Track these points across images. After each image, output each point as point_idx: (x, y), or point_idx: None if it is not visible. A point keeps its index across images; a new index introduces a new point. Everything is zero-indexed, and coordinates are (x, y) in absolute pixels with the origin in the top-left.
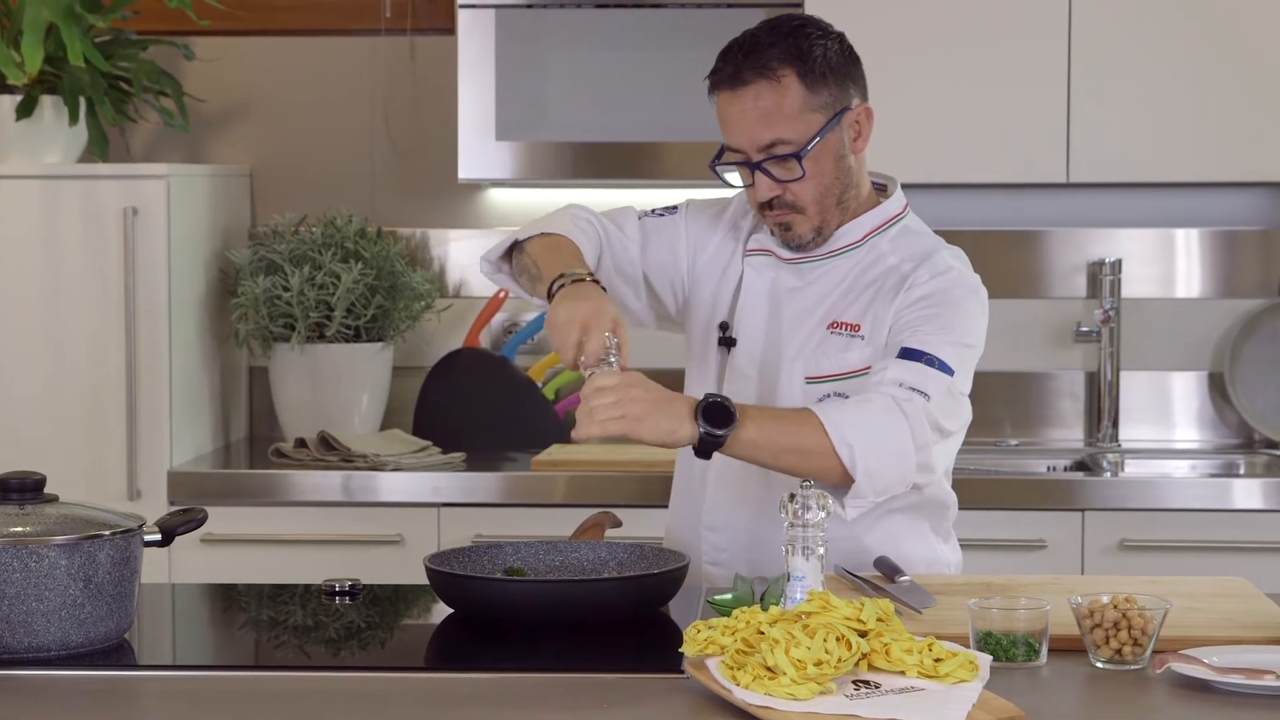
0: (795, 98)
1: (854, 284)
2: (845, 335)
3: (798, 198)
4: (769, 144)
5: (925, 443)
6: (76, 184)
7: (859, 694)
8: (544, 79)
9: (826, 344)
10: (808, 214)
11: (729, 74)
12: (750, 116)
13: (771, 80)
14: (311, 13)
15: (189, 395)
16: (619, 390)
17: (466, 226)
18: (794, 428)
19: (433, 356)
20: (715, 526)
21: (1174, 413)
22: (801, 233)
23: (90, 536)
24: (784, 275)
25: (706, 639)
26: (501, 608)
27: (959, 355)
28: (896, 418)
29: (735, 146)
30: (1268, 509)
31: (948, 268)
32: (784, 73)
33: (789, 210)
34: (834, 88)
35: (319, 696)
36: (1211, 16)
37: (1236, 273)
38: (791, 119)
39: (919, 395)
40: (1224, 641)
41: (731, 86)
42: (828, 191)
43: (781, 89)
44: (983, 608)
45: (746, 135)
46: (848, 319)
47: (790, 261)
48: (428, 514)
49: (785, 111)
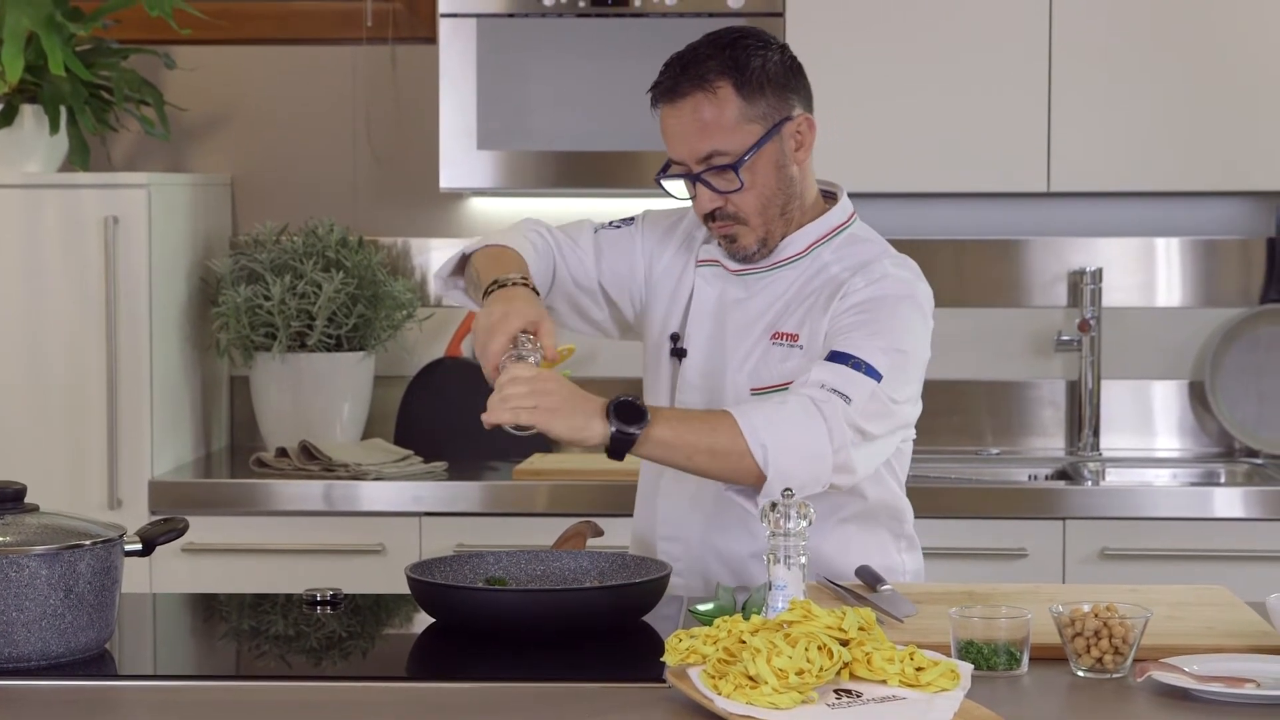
0: (731, 109)
1: (796, 294)
2: (785, 345)
3: (739, 209)
4: (707, 155)
5: (843, 444)
6: (57, 193)
7: (841, 703)
8: (525, 88)
9: (769, 355)
10: (751, 225)
11: (667, 87)
12: (688, 128)
13: (708, 92)
14: (293, 22)
15: (170, 404)
16: (533, 382)
17: (448, 236)
18: (708, 428)
19: (414, 366)
20: (670, 536)
21: (1155, 421)
22: (746, 244)
23: (71, 546)
24: (730, 287)
25: (688, 648)
26: (483, 617)
27: (890, 360)
28: (813, 417)
29: (676, 159)
30: (1248, 518)
31: (883, 275)
32: (720, 84)
33: (732, 221)
34: (772, 98)
35: (300, 706)
36: (1192, 27)
37: (1217, 282)
38: (728, 130)
39: (838, 397)
40: (1204, 650)
41: (669, 99)
42: (770, 202)
43: (718, 101)
44: (964, 616)
45: (685, 147)
46: (787, 329)
47: (737, 273)
48: (409, 523)
49: (722, 123)
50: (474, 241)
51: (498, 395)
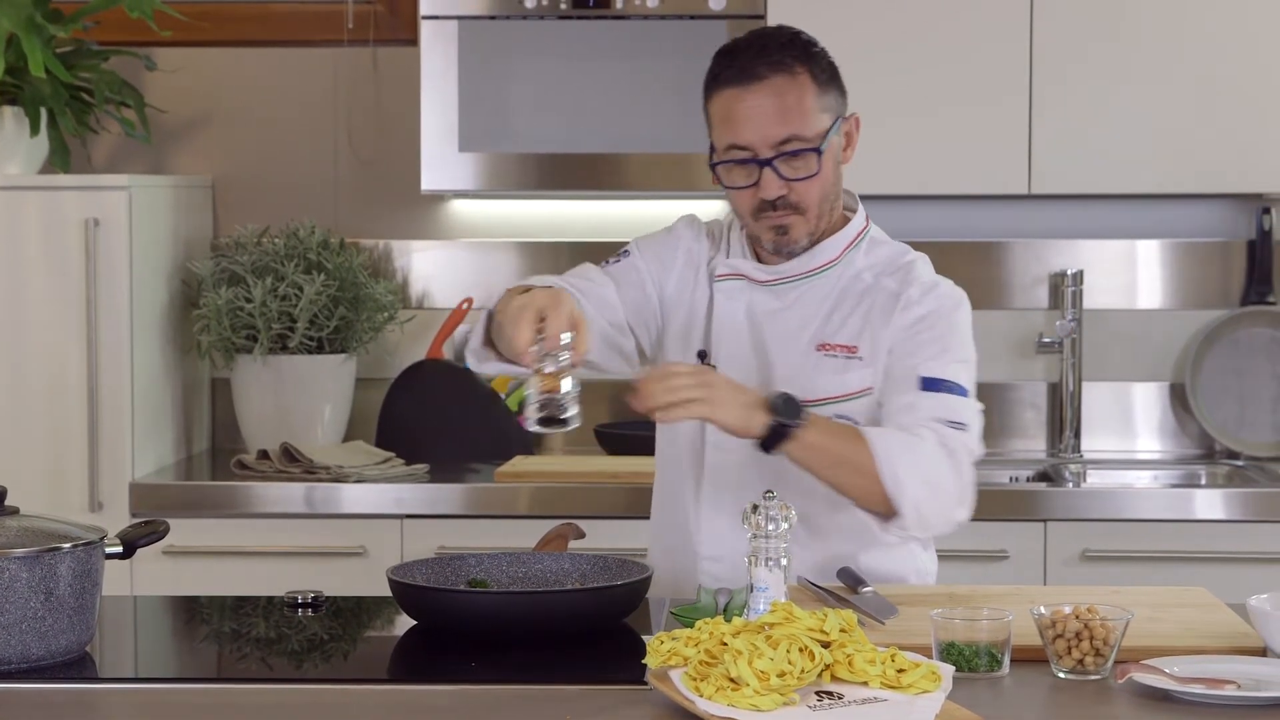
0: (810, 96)
1: (838, 303)
2: (841, 357)
3: (802, 198)
4: (783, 140)
5: (966, 483)
6: (37, 195)
7: (822, 705)
8: (507, 90)
9: (820, 366)
10: (808, 216)
11: (740, 69)
12: (767, 111)
13: (788, 76)
14: (274, 23)
15: (151, 407)
16: (697, 374)
17: (429, 238)
18: (850, 443)
19: (396, 368)
20: (715, 556)
21: (1136, 423)
22: (797, 236)
23: (51, 549)
24: (760, 298)
25: (670, 650)
26: (465, 619)
27: (966, 372)
28: (944, 459)
29: (743, 144)
30: (1229, 519)
31: (934, 283)
32: (799, 70)
33: (790, 211)
34: (835, 93)
35: (282, 709)
36: (1173, 30)
37: (1198, 284)
38: (807, 116)
39: (959, 431)
40: (1185, 651)
41: (743, 82)
42: (826, 195)
43: (798, 85)
44: (945, 618)
45: (759, 131)
46: (841, 340)
47: (767, 283)
48: (391, 525)
49: (802, 108)
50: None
51: (661, 384)
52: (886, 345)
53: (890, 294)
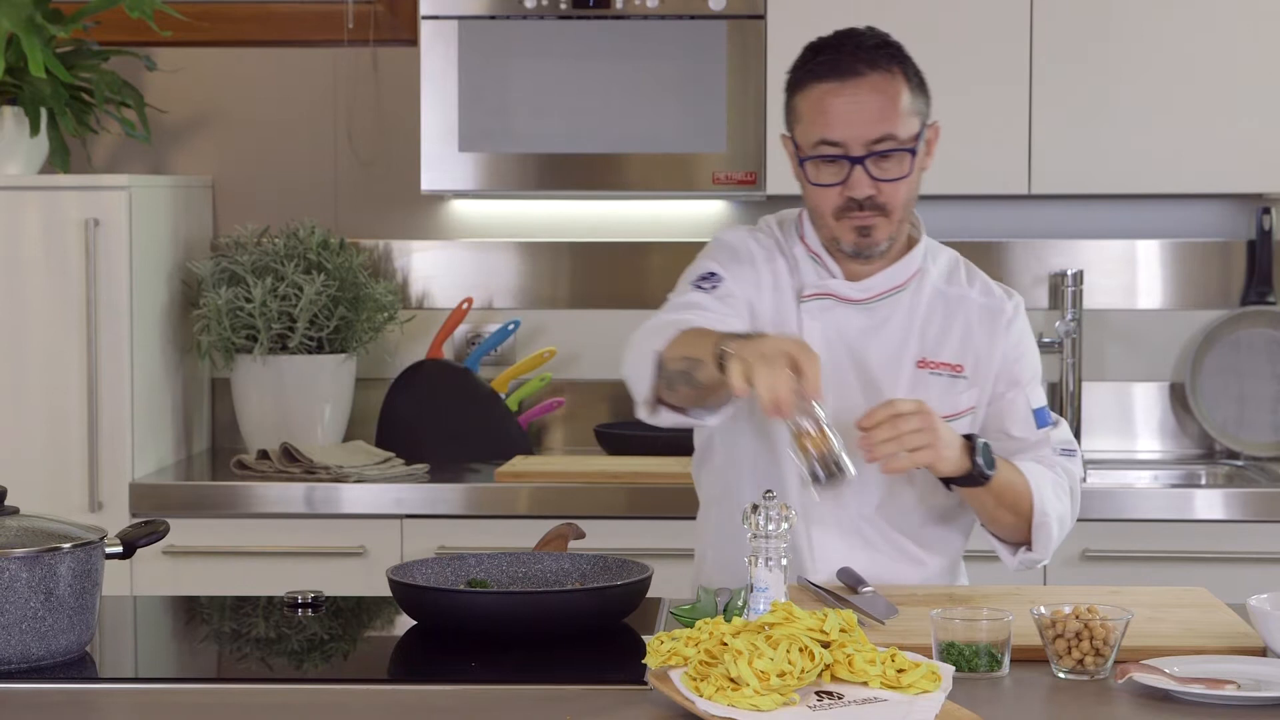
0: (905, 97)
1: (928, 316)
2: (946, 376)
3: (889, 200)
4: (878, 139)
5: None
6: (37, 195)
7: (822, 705)
8: (507, 90)
9: (926, 384)
10: (891, 219)
11: (838, 64)
12: (866, 108)
13: (886, 74)
14: (274, 23)
15: (151, 407)
16: (921, 416)
17: (429, 238)
18: (1018, 485)
19: (396, 368)
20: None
21: (1136, 423)
22: (879, 239)
23: (51, 549)
24: (849, 316)
25: (670, 650)
26: (465, 619)
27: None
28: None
29: (835, 139)
30: (1229, 519)
31: (1018, 303)
32: (895, 70)
33: (875, 213)
34: (924, 98)
35: (282, 709)
36: (1173, 30)
37: (1198, 284)
38: (903, 116)
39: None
40: (1185, 651)
41: (842, 77)
42: (910, 199)
43: (895, 86)
44: (945, 618)
45: (855, 128)
46: (945, 358)
47: (863, 302)
48: (391, 525)
49: (899, 108)
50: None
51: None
52: (994, 365)
53: (983, 307)
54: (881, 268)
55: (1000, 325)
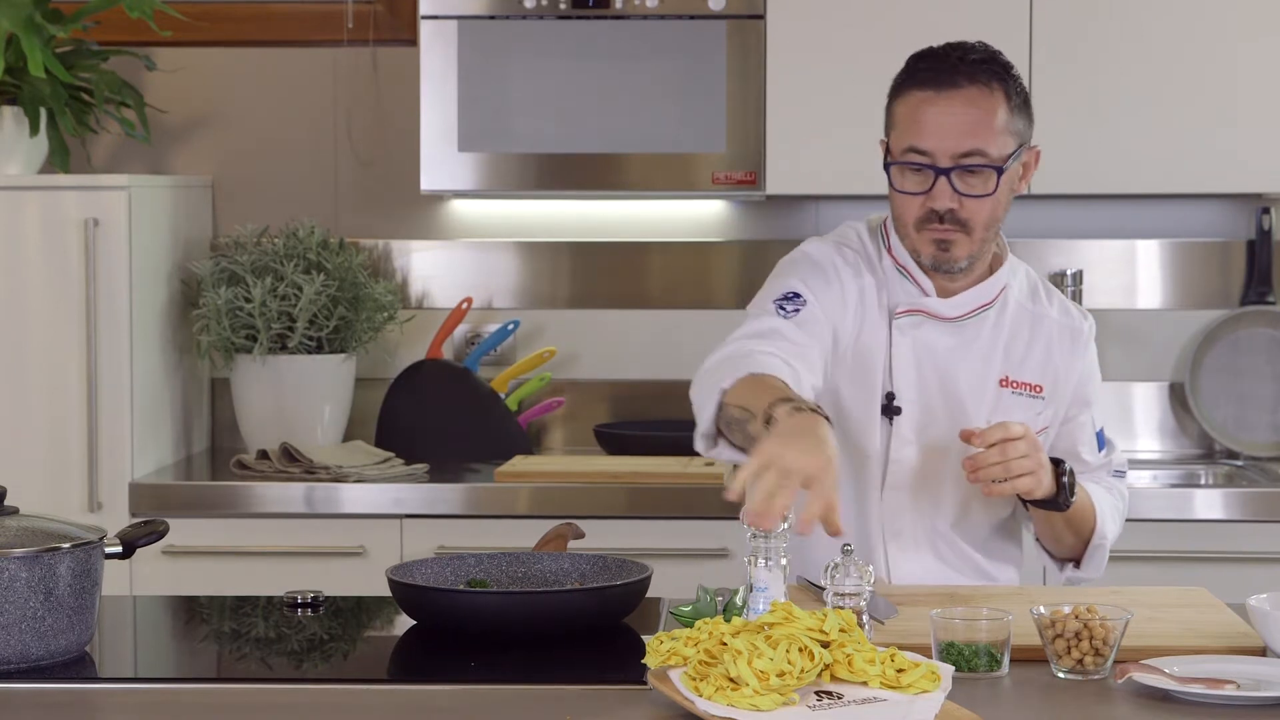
0: (1002, 114)
1: (1012, 335)
2: (1026, 396)
3: (972, 216)
4: (967, 152)
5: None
6: (37, 195)
7: (821, 705)
8: (506, 90)
9: (1008, 404)
10: (972, 236)
11: (940, 73)
12: (959, 121)
13: (985, 89)
14: (273, 23)
15: (150, 407)
16: (1032, 444)
17: (429, 238)
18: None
19: (395, 368)
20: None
21: (1135, 423)
22: (958, 255)
23: (50, 549)
24: (938, 335)
25: (669, 650)
26: (464, 619)
27: None
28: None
29: (924, 148)
30: (1228, 519)
31: (1085, 313)
32: (995, 87)
33: (956, 228)
34: (1024, 120)
35: (281, 709)
36: (1173, 30)
37: (1197, 284)
38: (996, 133)
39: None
40: (1185, 651)
41: (939, 87)
42: (994, 220)
43: (992, 102)
44: (945, 618)
45: (946, 140)
46: (1026, 378)
47: (950, 320)
48: (390, 525)
49: (993, 125)
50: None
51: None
52: (1071, 386)
53: (1063, 327)
54: (969, 285)
55: (1080, 346)
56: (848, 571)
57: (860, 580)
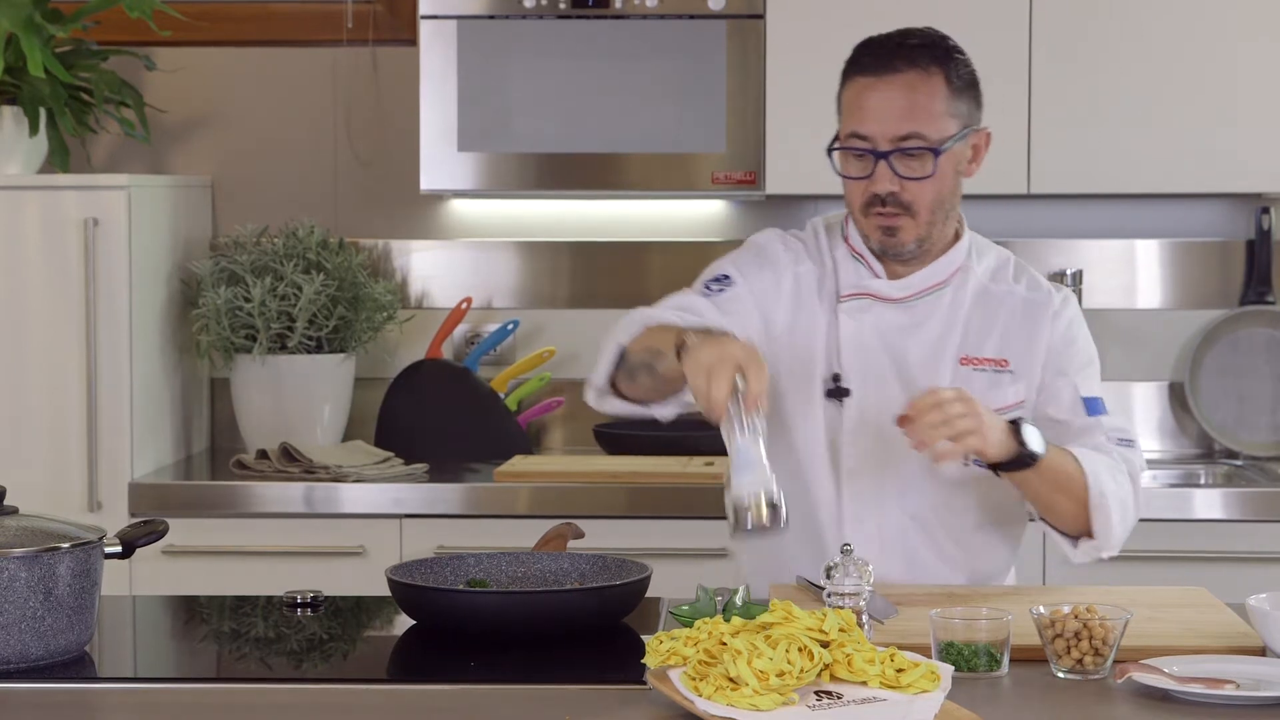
0: (941, 98)
1: (972, 313)
2: (990, 371)
3: (915, 199)
4: (904, 136)
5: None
6: (37, 195)
7: (821, 704)
8: (506, 90)
9: (968, 381)
10: (918, 220)
11: (879, 59)
12: (895, 105)
13: (923, 74)
14: (273, 23)
15: (150, 406)
16: (968, 402)
17: (429, 237)
18: (1069, 468)
19: (395, 367)
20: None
21: (1135, 423)
22: (905, 239)
23: (50, 549)
24: (889, 316)
25: (669, 650)
26: (464, 619)
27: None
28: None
29: (864, 133)
30: (1228, 519)
31: (1066, 297)
32: (934, 70)
33: (901, 211)
34: (969, 102)
35: (281, 709)
36: (1172, 30)
37: (1197, 284)
38: (933, 117)
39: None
40: (1184, 651)
41: (878, 73)
42: (941, 203)
43: (930, 85)
44: (945, 618)
45: (884, 124)
46: (987, 354)
47: (901, 301)
48: (390, 525)
49: (931, 108)
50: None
51: (935, 416)
52: (1040, 357)
53: (1027, 301)
54: (923, 266)
55: (1045, 318)
56: (847, 571)
57: (860, 580)
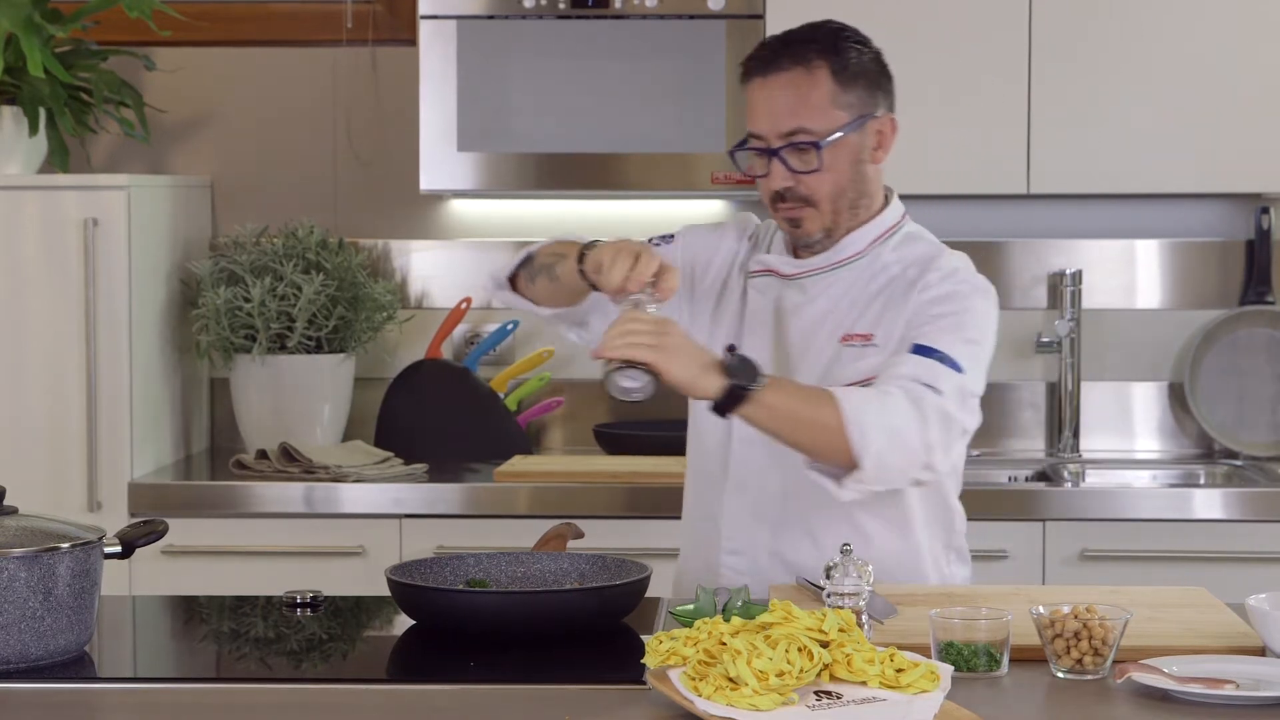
0: (824, 91)
1: (860, 295)
2: (858, 346)
3: (812, 191)
4: (791, 131)
5: (932, 441)
6: (36, 195)
7: (821, 704)
8: (506, 90)
9: (840, 357)
10: (820, 210)
11: (765, 59)
12: (779, 102)
13: (805, 69)
14: (273, 23)
15: (150, 407)
16: (657, 324)
17: (428, 237)
18: (812, 402)
19: (395, 368)
20: (735, 550)
21: (1134, 423)
22: (810, 230)
23: (49, 549)
24: (787, 293)
25: (669, 650)
26: (463, 619)
27: (969, 353)
28: (909, 411)
29: (757, 132)
30: (1228, 519)
31: (954, 269)
32: (818, 65)
33: (801, 204)
34: (863, 92)
35: (281, 709)
36: (1172, 30)
37: (1196, 284)
38: (817, 110)
39: (930, 390)
40: (1184, 651)
41: (764, 72)
42: (842, 192)
43: (813, 80)
44: (944, 618)
45: (771, 121)
46: (859, 330)
47: (794, 277)
48: (390, 525)
49: (813, 102)
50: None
51: (618, 329)
52: (899, 329)
53: (909, 281)
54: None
55: (913, 291)
56: (847, 571)
57: (859, 580)
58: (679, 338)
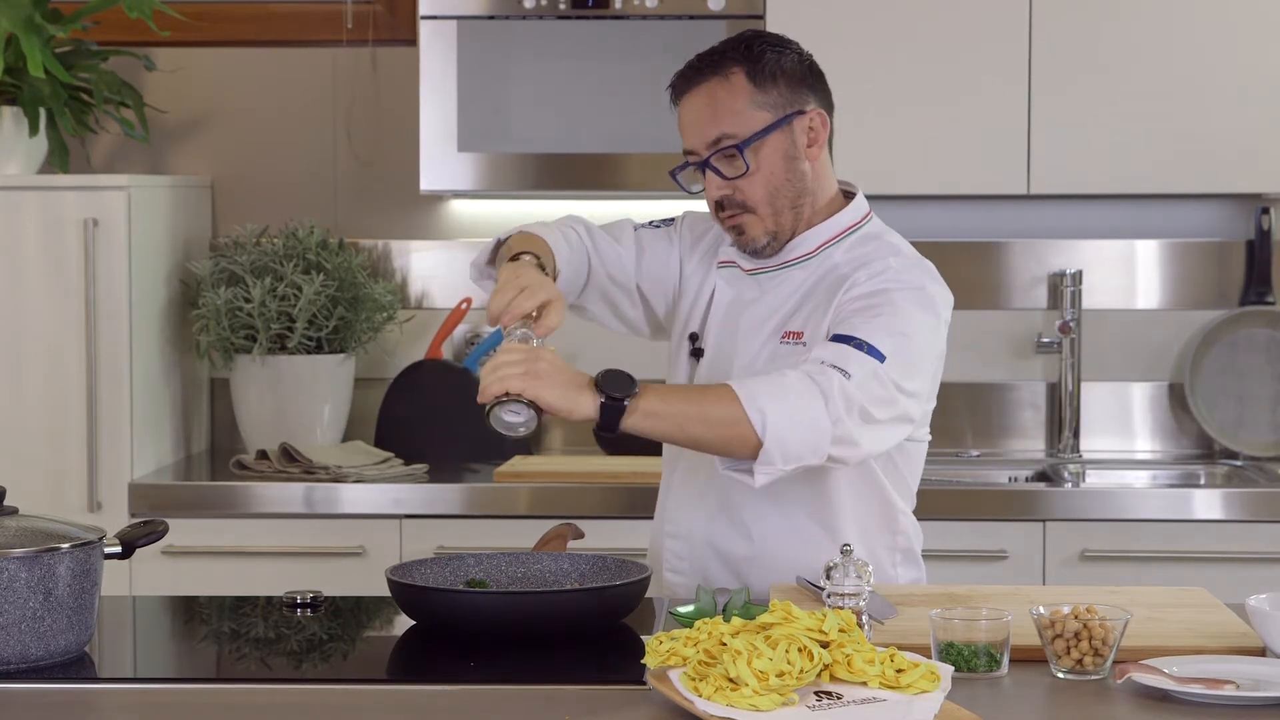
0: (742, 95)
1: (807, 294)
2: (792, 344)
3: (747, 196)
4: (716, 139)
5: (840, 415)
6: (36, 195)
7: (821, 705)
8: (506, 90)
9: (776, 355)
10: (759, 214)
11: (686, 76)
12: (700, 113)
13: (721, 77)
14: (273, 23)
15: (150, 407)
16: (526, 354)
17: (428, 238)
18: (702, 399)
19: (395, 368)
20: (674, 534)
21: (1134, 423)
22: (754, 235)
23: (50, 549)
24: (745, 287)
25: (669, 650)
26: (463, 620)
27: (893, 344)
28: (810, 387)
29: (689, 148)
30: (1227, 519)
31: (885, 268)
32: (733, 71)
33: (740, 211)
34: (784, 90)
35: (281, 709)
36: (1172, 30)
37: (1196, 284)
38: (737, 115)
39: (837, 371)
40: (1184, 651)
41: (685, 90)
42: (778, 193)
43: (729, 86)
44: (944, 618)
45: (696, 133)
46: (794, 328)
47: (751, 272)
48: (390, 525)
49: (732, 107)
50: (511, 229)
51: (490, 365)
52: (826, 327)
53: (841, 279)
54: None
55: (841, 289)
56: (847, 572)
57: (860, 580)
58: (549, 364)
